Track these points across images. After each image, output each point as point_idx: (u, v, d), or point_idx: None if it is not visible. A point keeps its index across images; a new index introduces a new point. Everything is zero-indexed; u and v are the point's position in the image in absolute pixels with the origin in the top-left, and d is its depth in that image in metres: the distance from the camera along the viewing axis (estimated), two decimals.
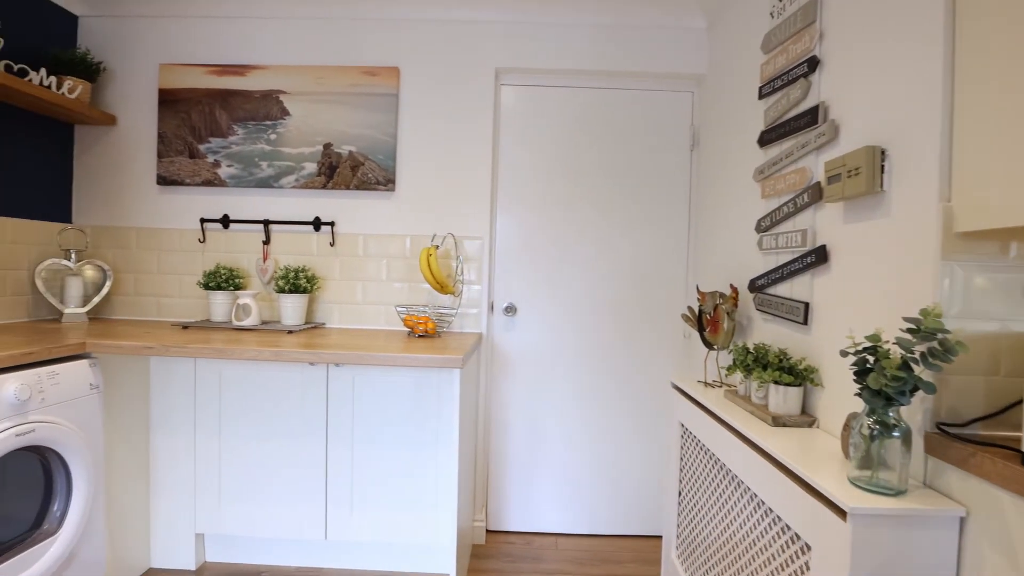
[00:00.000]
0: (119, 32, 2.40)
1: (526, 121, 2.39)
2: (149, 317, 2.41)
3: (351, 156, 2.32)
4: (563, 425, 2.41)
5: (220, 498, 2.04)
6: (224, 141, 2.34)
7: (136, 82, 2.39)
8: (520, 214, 2.40)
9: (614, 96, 2.38)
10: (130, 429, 1.96)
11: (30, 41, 2.18)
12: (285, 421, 2.02)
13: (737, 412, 1.42)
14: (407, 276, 2.37)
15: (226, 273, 2.25)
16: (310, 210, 2.37)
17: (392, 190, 2.34)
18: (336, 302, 2.38)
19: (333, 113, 2.32)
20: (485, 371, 2.39)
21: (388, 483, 2.00)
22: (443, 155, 2.35)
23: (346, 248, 2.37)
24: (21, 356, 1.52)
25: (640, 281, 2.39)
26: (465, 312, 2.35)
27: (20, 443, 1.48)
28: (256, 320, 2.20)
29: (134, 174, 2.41)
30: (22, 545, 1.54)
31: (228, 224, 2.37)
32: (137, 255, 2.41)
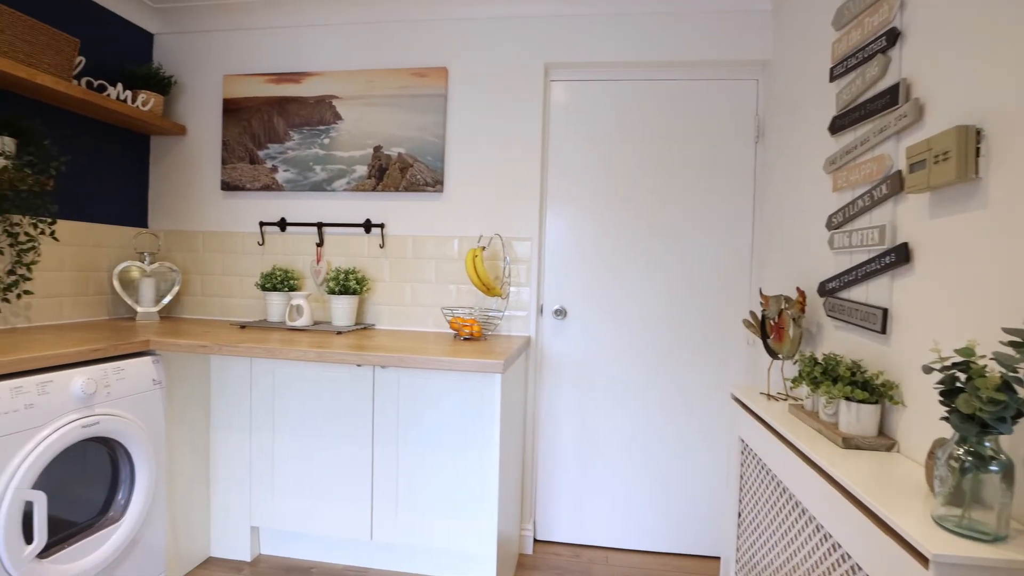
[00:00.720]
0: (188, 47, 2.53)
1: (577, 117, 2.31)
2: (213, 316, 2.53)
3: (400, 158, 2.33)
4: (616, 434, 2.30)
5: (273, 493, 2.09)
6: (281, 147, 2.41)
7: (203, 93, 2.52)
8: (571, 214, 2.31)
9: (670, 88, 2.25)
10: (192, 424, 2.04)
11: (109, 58, 2.34)
12: (334, 421, 2.04)
13: (802, 430, 1.27)
14: (455, 278, 2.34)
15: (281, 275, 2.32)
16: (361, 212, 2.40)
17: (440, 191, 2.32)
18: (386, 304, 2.39)
19: (383, 115, 2.33)
20: (534, 376, 2.32)
21: (433, 487, 1.98)
22: (491, 155, 2.31)
23: (395, 250, 2.38)
24: (89, 352, 1.62)
25: (699, 283, 2.24)
26: (513, 315, 2.30)
27: (86, 434, 1.57)
28: (308, 321, 2.24)
29: (201, 180, 2.53)
30: (91, 529, 1.63)
31: (285, 227, 2.45)
32: (204, 257, 2.54)
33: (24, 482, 1.40)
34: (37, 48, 1.84)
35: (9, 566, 1.37)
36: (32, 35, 1.82)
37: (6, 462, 1.37)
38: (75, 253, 2.21)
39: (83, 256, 2.25)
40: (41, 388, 1.46)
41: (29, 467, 1.41)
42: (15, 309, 1.98)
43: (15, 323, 1.99)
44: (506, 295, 2.26)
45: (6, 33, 1.74)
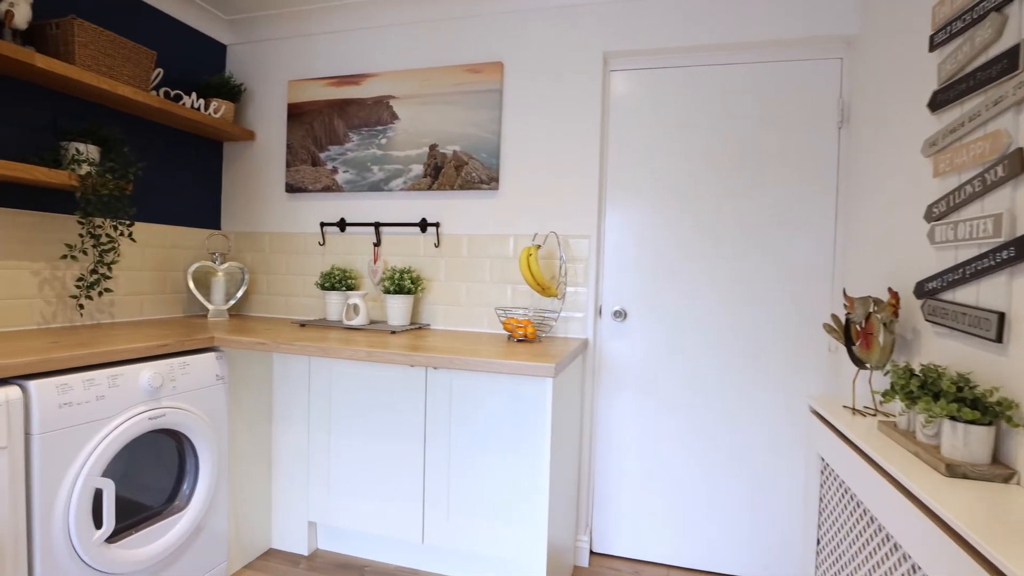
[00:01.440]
0: (257, 56, 2.63)
1: (638, 108, 2.18)
2: (278, 315, 2.61)
3: (455, 156, 2.30)
4: (679, 445, 2.15)
5: (329, 490, 2.12)
6: (341, 148, 2.45)
7: (270, 99, 2.61)
8: (631, 211, 2.19)
9: (742, 73, 2.07)
10: (254, 419, 2.11)
11: (186, 70, 2.48)
12: (387, 420, 2.04)
13: (895, 452, 1.10)
14: (511, 278, 2.28)
15: (339, 274, 2.35)
16: (417, 211, 2.40)
17: (495, 188, 2.27)
18: (441, 303, 2.37)
19: (438, 114, 2.31)
20: (591, 380, 2.22)
21: (484, 491, 1.92)
22: (548, 150, 2.23)
23: (451, 249, 2.36)
24: (157, 348, 1.69)
25: (774, 283, 2.05)
26: (570, 316, 2.21)
27: (152, 426, 1.64)
28: (364, 320, 2.26)
29: (267, 183, 2.62)
30: (157, 517, 1.70)
31: (344, 227, 2.48)
32: (270, 257, 2.63)
33: (94, 470, 1.47)
34: (118, 61, 1.96)
35: (79, 549, 1.44)
36: (113, 49, 1.93)
37: (78, 450, 1.45)
38: (154, 254, 2.35)
39: (162, 257, 2.39)
40: (112, 381, 1.54)
41: (99, 456, 1.48)
42: (100, 306, 2.12)
43: (100, 319, 2.13)
44: (562, 295, 2.17)
45: (90, 48, 1.86)
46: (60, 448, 1.40)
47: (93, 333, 1.82)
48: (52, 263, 1.94)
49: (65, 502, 1.41)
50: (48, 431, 1.38)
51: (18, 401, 1.32)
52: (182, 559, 1.77)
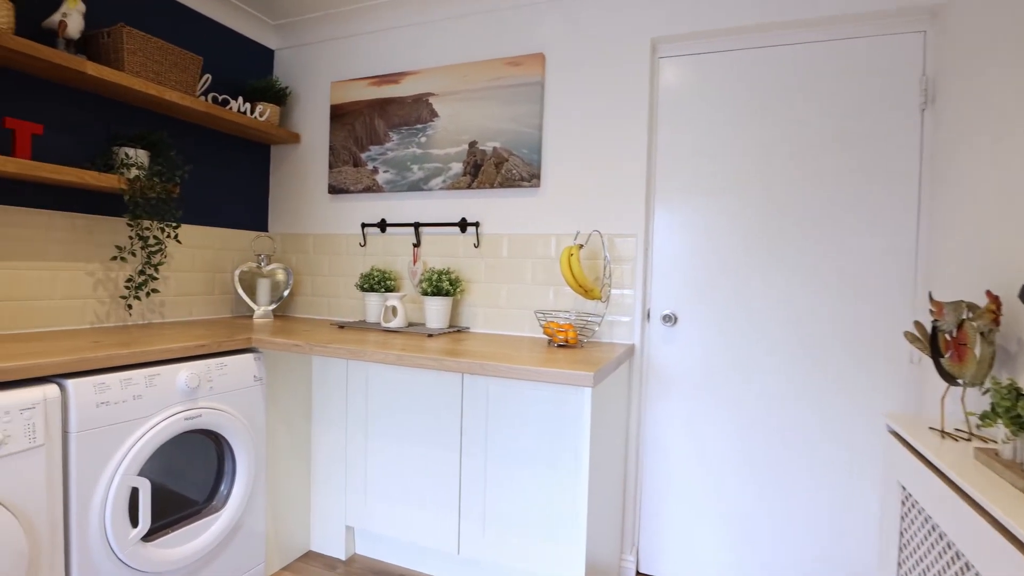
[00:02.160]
0: (303, 59, 2.65)
1: (689, 97, 2.02)
2: (320, 316, 2.62)
3: (495, 152, 2.22)
4: (735, 461, 1.97)
5: (366, 495, 2.08)
6: (381, 148, 2.43)
7: (314, 101, 2.62)
8: (683, 208, 2.03)
9: (803, 54, 1.88)
10: (293, 420, 2.10)
11: (235, 75, 2.52)
12: (423, 425, 1.98)
13: (996, 487, 0.92)
14: (553, 279, 2.17)
15: (378, 275, 2.32)
16: (456, 211, 2.33)
17: (537, 186, 2.17)
18: (481, 305, 2.29)
19: (477, 109, 2.24)
20: (638, 389, 2.07)
21: (522, 504, 1.83)
22: (591, 144, 2.11)
23: (490, 249, 2.28)
24: (195, 348, 1.70)
25: (845, 285, 1.84)
26: (615, 320, 2.07)
27: (188, 426, 1.64)
28: (402, 322, 2.21)
29: (311, 185, 2.64)
30: (194, 517, 1.71)
31: (385, 228, 2.46)
32: (313, 259, 2.64)
33: (130, 468, 1.48)
34: (165, 67, 2.00)
35: (115, 546, 1.45)
36: (161, 55, 1.98)
37: (115, 449, 1.46)
38: (203, 256, 2.40)
39: (210, 258, 2.44)
40: (149, 381, 1.55)
41: (135, 455, 1.49)
42: (151, 306, 2.18)
43: (151, 319, 2.19)
44: (606, 298, 2.04)
45: (138, 55, 1.91)
46: (97, 447, 1.42)
47: (138, 333, 1.86)
48: (105, 264, 2.01)
49: (101, 500, 1.43)
50: (85, 430, 1.39)
51: (56, 400, 1.33)
52: (219, 559, 1.78)
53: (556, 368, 1.48)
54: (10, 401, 1.24)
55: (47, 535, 1.31)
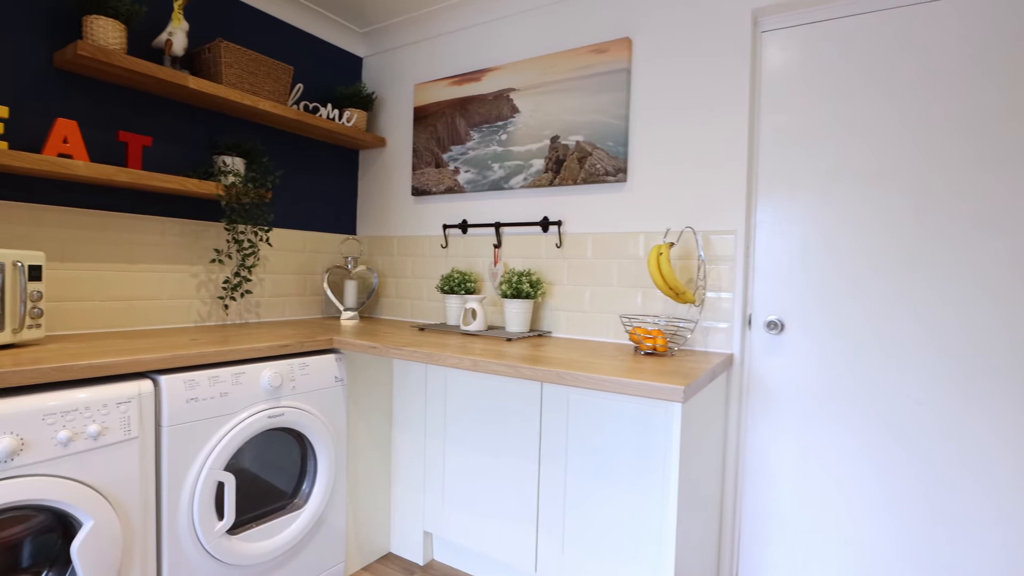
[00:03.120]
0: (388, 64, 2.69)
1: (798, 75, 1.77)
2: (403, 318, 2.63)
3: (578, 147, 2.09)
4: (857, 493, 1.69)
5: (443, 501, 2.03)
6: (462, 148, 2.39)
7: (399, 105, 2.64)
8: (792, 202, 1.79)
9: (947, 11, 1.56)
10: (374, 422, 2.10)
11: (325, 83, 2.61)
12: (501, 433, 1.90)
13: None
14: (640, 281, 2.00)
15: (458, 277, 2.28)
16: (538, 210, 2.23)
17: (623, 180, 2.01)
18: (563, 309, 2.17)
19: (559, 102, 2.13)
20: (738, 404, 1.85)
21: (604, 522, 1.68)
22: (684, 132, 1.91)
23: (573, 249, 2.15)
24: (278, 348, 1.74)
25: (1009, 287, 1.50)
26: (711, 326, 1.86)
27: (270, 424, 1.68)
28: (481, 325, 2.15)
29: (396, 188, 2.66)
30: (277, 513, 1.75)
31: (466, 229, 2.41)
32: (398, 261, 2.66)
33: (217, 463, 1.53)
34: (259, 78, 2.09)
35: (202, 538, 1.50)
36: (255, 66, 2.07)
37: (203, 444, 1.51)
38: (296, 258, 2.50)
39: (303, 261, 2.53)
40: (235, 378, 1.59)
41: (221, 450, 1.54)
42: (248, 306, 2.29)
43: (247, 318, 2.30)
44: (700, 301, 1.84)
45: (235, 67, 2.00)
46: (186, 441, 1.48)
47: (232, 332, 1.95)
48: (207, 267, 2.13)
49: (190, 492, 1.48)
50: (176, 424, 1.45)
51: (149, 395, 1.40)
52: (301, 555, 1.80)
53: (641, 379, 1.32)
54: (108, 395, 1.32)
55: (139, 523, 1.38)
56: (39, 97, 1.69)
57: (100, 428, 1.29)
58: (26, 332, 1.46)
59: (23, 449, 1.18)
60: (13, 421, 1.17)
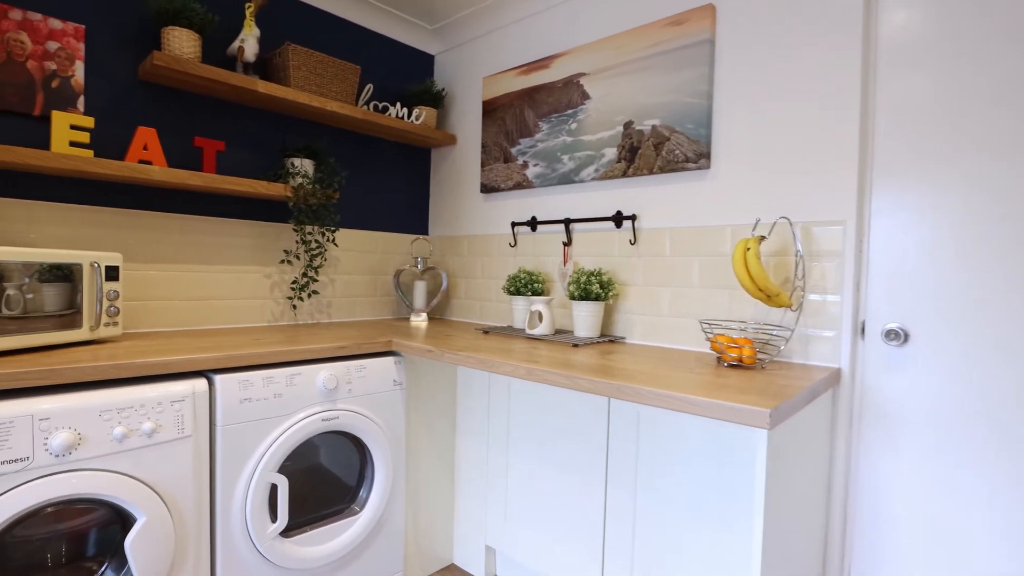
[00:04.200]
0: (458, 60, 2.62)
1: (926, 35, 1.44)
2: (472, 320, 2.54)
3: (654, 131, 1.88)
4: (1006, 541, 1.33)
5: (506, 515, 1.91)
6: (531, 140, 2.25)
7: (468, 101, 2.57)
8: (918, 185, 1.46)
9: None
10: (436, 428, 2.03)
11: (398, 82, 2.59)
12: (566, 447, 1.74)
13: None
14: (725, 281, 1.75)
15: (525, 278, 2.14)
16: (610, 203, 2.04)
17: (706, 167, 1.77)
18: (638, 312, 1.97)
19: (633, 84, 1.92)
20: (846, 429, 1.54)
21: (678, 555, 1.46)
22: (779, 107, 1.64)
23: (650, 246, 1.94)
24: (335, 349, 1.70)
25: None
26: (812, 334, 1.58)
27: (325, 427, 1.64)
28: (548, 329, 2.00)
29: (466, 186, 2.59)
30: (332, 518, 1.71)
31: (535, 226, 2.27)
32: (468, 261, 2.58)
33: (269, 465, 1.52)
34: (326, 79, 2.10)
35: (255, 539, 1.49)
36: (322, 68, 2.08)
37: (256, 445, 1.50)
38: (367, 259, 2.50)
39: (374, 261, 2.53)
40: (289, 380, 1.58)
41: (274, 452, 1.53)
42: (319, 307, 2.32)
43: (318, 318, 2.32)
44: (798, 305, 1.56)
45: (302, 70, 2.02)
46: (239, 441, 1.47)
47: (297, 332, 1.96)
48: (279, 267, 2.17)
49: (243, 493, 1.48)
50: (229, 424, 1.45)
51: (204, 394, 1.41)
52: (357, 562, 1.76)
53: (717, 398, 1.11)
54: (162, 393, 1.33)
55: (192, 521, 1.39)
56: (124, 107, 1.79)
57: (154, 426, 1.31)
58: (103, 329, 1.53)
59: (80, 444, 1.21)
60: (72, 416, 1.20)
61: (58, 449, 1.17)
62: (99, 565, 1.31)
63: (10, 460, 1.13)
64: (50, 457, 1.18)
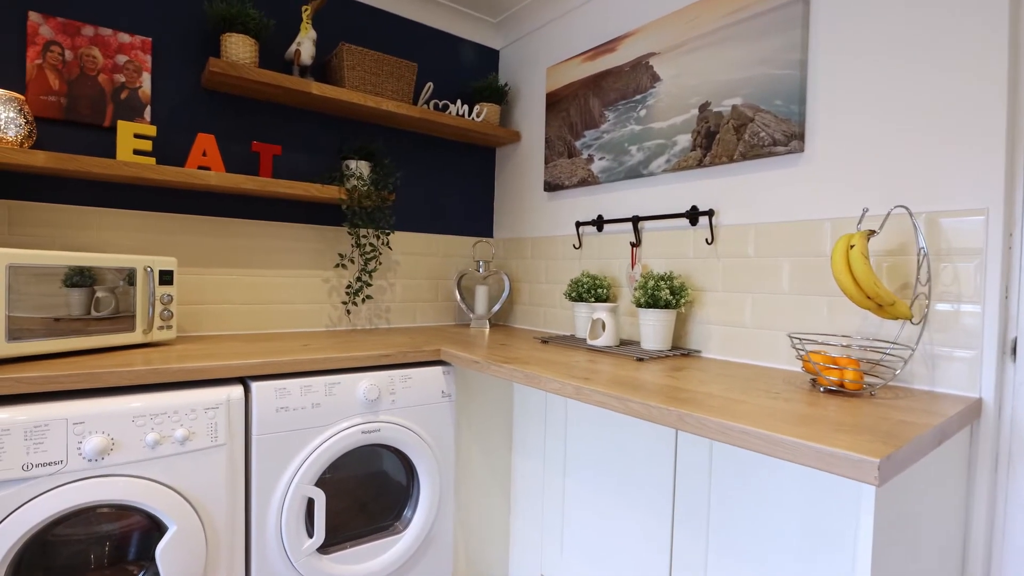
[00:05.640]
0: (523, 52, 2.48)
1: None
2: (535, 327, 2.38)
3: (735, 112, 1.62)
4: None
5: (562, 547, 1.73)
6: (596, 132, 2.06)
7: (532, 95, 2.42)
8: None
9: None
10: (491, 446, 1.89)
11: (460, 80, 2.50)
12: (627, 480, 1.52)
13: None
14: (823, 287, 1.46)
15: (588, 282, 1.95)
16: (684, 198, 1.80)
17: (798, 150, 1.49)
18: (716, 322, 1.71)
19: (709, 60, 1.68)
20: (989, 474, 1.20)
21: None
22: (893, 72, 1.33)
23: (730, 246, 1.67)
24: (378, 358, 1.61)
25: None
26: (941, 353, 1.25)
27: (365, 440, 1.56)
28: (611, 339, 1.79)
29: (529, 184, 2.44)
30: (374, 535, 1.63)
31: (601, 226, 2.07)
32: (532, 264, 2.43)
33: (306, 478, 1.45)
34: (381, 78, 2.04)
35: (291, 555, 1.43)
36: (377, 67, 2.02)
37: (292, 457, 1.44)
38: (429, 262, 2.42)
39: (435, 265, 2.45)
40: (328, 389, 1.51)
41: (311, 464, 1.46)
42: (378, 312, 2.27)
43: (377, 324, 2.27)
44: (921, 316, 1.24)
45: (357, 69, 1.98)
46: (274, 452, 1.42)
47: (350, 338, 1.90)
48: (337, 272, 2.15)
49: (278, 507, 1.42)
50: (265, 434, 1.40)
51: (239, 401, 1.37)
52: None
53: (808, 438, 0.86)
54: (195, 400, 1.30)
55: (226, 533, 1.34)
56: (187, 115, 1.83)
57: (187, 433, 1.28)
58: (156, 333, 1.55)
59: (113, 448, 1.20)
60: (106, 421, 1.20)
61: (91, 453, 1.17)
62: (139, 569, 1.30)
63: (44, 463, 1.14)
64: (83, 461, 1.17)
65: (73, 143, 1.66)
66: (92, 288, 1.40)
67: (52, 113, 1.62)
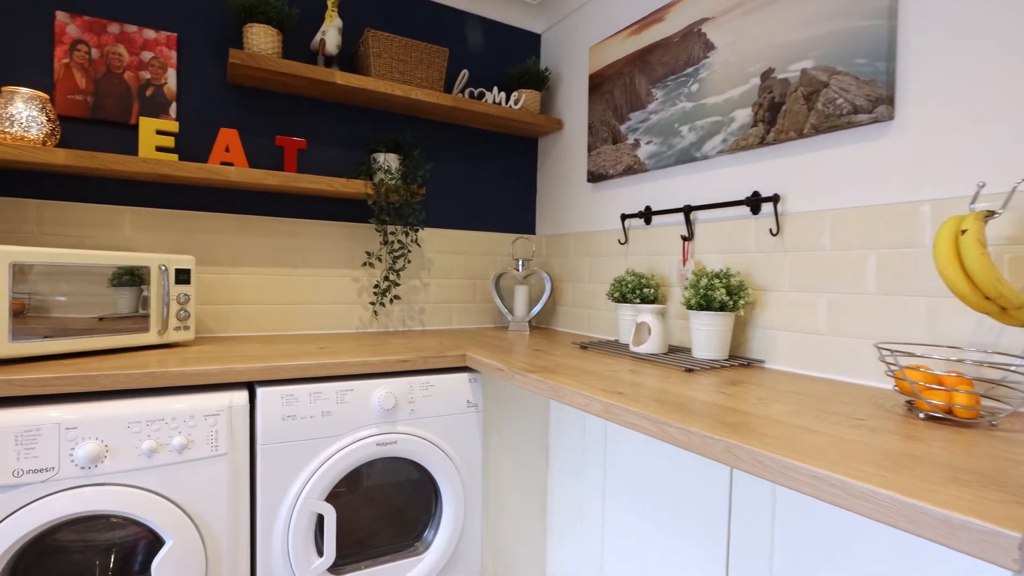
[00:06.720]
0: (565, 34, 2.30)
1: None
2: (578, 330, 2.19)
3: (804, 78, 1.36)
4: None
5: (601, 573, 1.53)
6: (643, 113, 1.84)
7: (574, 79, 2.23)
8: None
9: None
10: (525, 460, 1.72)
11: (499, 67, 2.35)
12: (674, 514, 1.31)
13: None
14: (920, 285, 1.18)
15: (633, 281, 1.74)
16: (743, 182, 1.56)
17: (886, 118, 1.22)
18: (782, 328, 1.45)
19: (772, 20, 1.43)
20: None
21: None
22: (1012, 16, 1.04)
23: (798, 237, 1.42)
24: (395, 363, 1.49)
25: None
26: None
27: (381, 453, 1.43)
28: (657, 346, 1.58)
29: (572, 176, 2.25)
30: (396, 554, 1.50)
31: (649, 218, 1.86)
32: (575, 262, 2.23)
33: (314, 492, 1.34)
34: (409, 65, 1.92)
35: (298, 575, 1.33)
36: (405, 54, 1.91)
37: (299, 469, 1.34)
38: (465, 261, 2.29)
39: (473, 264, 2.31)
40: (340, 396, 1.39)
41: (320, 478, 1.35)
42: (411, 313, 2.16)
43: (411, 325, 2.16)
44: None
45: (383, 57, 1.87)
46: (280, 463, 1.32)
47: (375, 340, 1.79)
48: (367, 271, 2.05)
49: (284, 523, 1.32)
50: (269, 443, 1.31)
51: (241, 408, 1.27)
52: None
53: (905, 493, 0.63)
54: (195, 406, 1.22)
55: (227, 550, 1.25)
56: (212, 111, 1.79)
57: (185, 441, 1.20)
58: (172, 334, 1.50)
59: (107, 456, 1.13)
60: (99, 426, 1.13)
61: (83, 460, 1.10)
62: None
63: (36, 470, 1.08)
64: (76, 468, 1.11)
65: (100, 142, 1.65)
66: (104, 288, 1.36)
67: (79, 112, 1.61)
